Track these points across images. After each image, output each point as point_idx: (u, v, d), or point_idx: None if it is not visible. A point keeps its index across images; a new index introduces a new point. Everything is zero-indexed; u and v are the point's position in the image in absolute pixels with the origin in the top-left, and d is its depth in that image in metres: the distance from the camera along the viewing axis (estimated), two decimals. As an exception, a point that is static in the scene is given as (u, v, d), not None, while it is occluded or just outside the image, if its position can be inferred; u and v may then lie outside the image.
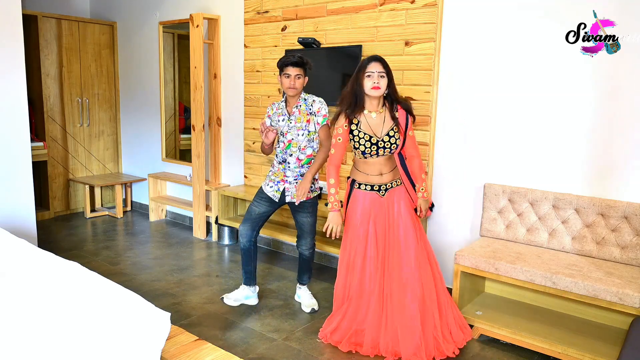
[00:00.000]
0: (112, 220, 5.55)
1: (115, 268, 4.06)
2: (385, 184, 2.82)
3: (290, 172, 3.15)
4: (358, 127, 2.77)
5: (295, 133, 3.09)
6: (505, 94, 3.22)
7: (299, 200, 3.05)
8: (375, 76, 2.67)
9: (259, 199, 3.23)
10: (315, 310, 3.31)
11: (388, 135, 2.75)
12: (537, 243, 3.13)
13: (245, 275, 3.35)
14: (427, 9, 3.43)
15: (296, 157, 3.12)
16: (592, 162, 2.97)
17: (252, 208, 3.25)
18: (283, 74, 3.02)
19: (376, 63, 2.68)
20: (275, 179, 3.20)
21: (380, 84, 2.68)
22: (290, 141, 3.10)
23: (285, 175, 3.16)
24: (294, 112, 3.09)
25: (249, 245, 3.27)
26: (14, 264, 2.27)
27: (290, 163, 3.14)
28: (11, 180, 3.90)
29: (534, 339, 2.76)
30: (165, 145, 5.55)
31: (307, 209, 3.20)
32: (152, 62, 5.51)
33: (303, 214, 3.21)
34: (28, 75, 4.92)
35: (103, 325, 1.78)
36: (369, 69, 2.68)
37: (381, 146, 2.75)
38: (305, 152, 3.12)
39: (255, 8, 4.41)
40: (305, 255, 3.31)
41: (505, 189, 3.24)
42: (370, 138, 2.74)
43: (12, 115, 3.86)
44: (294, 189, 3.15)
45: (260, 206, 3.23)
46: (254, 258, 3.32)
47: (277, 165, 3.20)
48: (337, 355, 2.80)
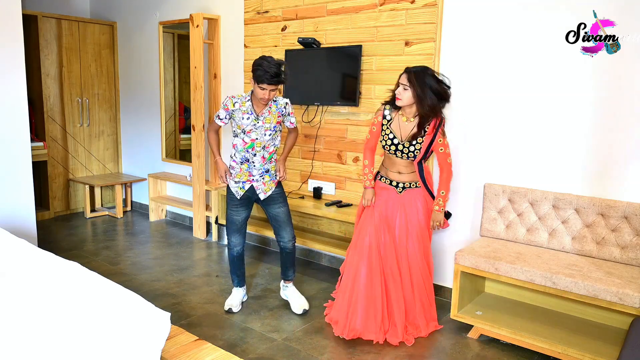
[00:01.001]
0: (112, 220, 5.55)
1: (115, 268, 4.06)
2: (403, 183, 3.00)
3: (255, 170, 3.12)
4: (389, 123, 2.94)
5: (262, 133, 3.04)
6: (505, 94, 3.22)
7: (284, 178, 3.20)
8: (400, 88, 2.81)
9: (235, 207, 3.19)
10: (306, 311, 3.26)
11: (410, 142, 2.88)
12: (537, 243, 3.13)
13: (238, 279, 3.35)
14: (427, 9, 3.43)
15: (261, 155, 3.09)
16: (592, 162, 2.97)
17: (233, 218, 3.20)
18: (258, 85, 2.89)
19: (404, 75, 2.81)
20: (239, 180, 3.15)
21: (402, 96, 2.81)
22: (254, 140, 3.05)
23: (250, 175, 3.12)
24: (264, 113, 3.04)
25: (242, 251, 3.29)
26: (14, 264, 2.27)
27: (255, 162, 3.10)
28: (11, 180, 3.90)
29: (534, 339, 2.76)
30: (165, 145, 5.56)
31: (278, 199, 3.19)
32: (152, 62, 5.51)
33: (275, 205, 3.19)
34: (28, 75, 4.92)
35: (103, 325, 1.78)
36: (400, 79, 2.82)
37: (400, 149, 2.91)
38: (268, 150, 3.10)
39: (255, 8, 4.41)
40: (289, 247, 3.26)
41: (505, 189, 3.24)
42: (393, 138, 2.91)
43: (12, 115, 3.86)
44: (263, 185, 3.14)
45: (240, 212, 3.20)
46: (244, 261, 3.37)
47: (238, 165, 3.13)
48: (337, 355, 2.80)
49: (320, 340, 2.95)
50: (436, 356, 2.83)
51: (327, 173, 4.15)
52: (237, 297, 3.35)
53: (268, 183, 3.16)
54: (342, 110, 3.95)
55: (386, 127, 2.94)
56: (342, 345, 2.90)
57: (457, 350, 2.88)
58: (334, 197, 4.11)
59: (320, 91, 3.94)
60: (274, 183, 3.19)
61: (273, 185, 3.18)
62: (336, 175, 4.10)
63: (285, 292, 3.38)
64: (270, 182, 3.17)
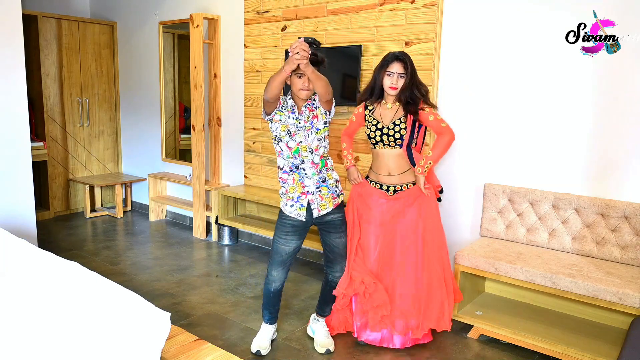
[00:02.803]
0: (112, 220, 5.55)
1: (115, 268, 4.06)
2: (394, 186, 2.83)
3: (309, 180, 2.63)
4: (371, 113, 2.87)
5: (305, 134, 2.61)
6: (505, 93, 3.22)
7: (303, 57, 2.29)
8: (394, 77, 2.72)
9: (285, 234, 2.69)
10: (330, 352, 2.84)
11: (394, 123, 2.77)
12: (537, 243, 3.13)
13: (270, 316, 2.88)
14: (427, 9, 3.43)
15: (310, 160, 2.62)
16: (592, 162, 2.97)
17: (279, 247, 2.71)
18: (295, 74, 2.51)
19: (398, 64, 2.71)
20: (293, 195, 2.66)
21: (397, 85, 2.73)
22: (299, 144, 2.60)
23: (304, 186, 2.64)
24: (303, 111, 2.62)
25: (282, 287, 2.81)
26: (14, 264, 2.27)
27: (305, 169, 2.63)
28: (11, 180, 3.90)
29: (534, 339, 2.76)
30: (165, 145, 5.55)
31: (340, 226, 2.75)
32: (152, 62, 5.51)
33: (336, 234, 2.74)
34: (28, 75, 4.92)
35: (103, 325, 1.78)
36: (389, 68, 2.72)
37: (385, 132, 2.78)
38: (318, 153, 2.64)
39: (255, 8, 4.41)
40: (336, 282, 2.82)
41: (505, 189, 3.24)
42: (377, 123, 2.82)
43: (12, 115, 3.86)
44: (320, 199, 2.66)
45: (289, 242, 2.69)
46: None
47: (289, 176, 2.66)
48: (337, 355, 2.80)
49: (320, 340, 2.95)
50: (436, 356, 2.82)
51: (327, 173, 4.14)
52: (266, 336, 2.88)
53: (326, 197, 2.68)
54: (342, 110, 3.95)
55: (369, 116, 2.86)
56: (342, 345, 2.90)
57: (457, 350, 2.88)
58: (334, 197, 4.11)
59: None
60: (334, 199, 2.71)
61: (332, 201, 2.69)
62: (336, 175, 4.09)
63: (315, 327, 2.95)
64: (329, 196, 2.69)
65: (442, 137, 2.73)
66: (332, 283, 2.83)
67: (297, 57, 2.28)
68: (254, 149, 4.62)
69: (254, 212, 4.77)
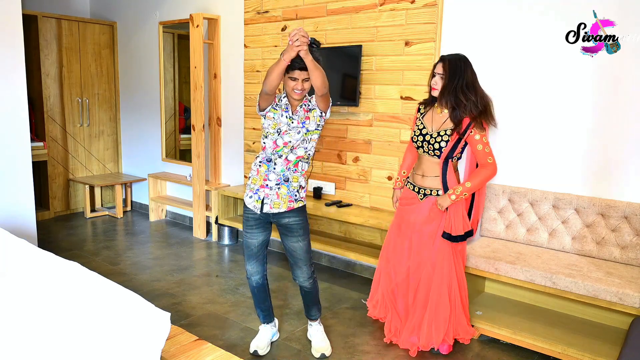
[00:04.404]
0: (112, 220, 5.55)
1: (115, 268, 4.06)
2: (424, 189, 2.80)
3: (274, 174, 2.60)
4: (422, 116, 2.85)
5: (295, 135, 2.58)
6: (505, 94, 3.22)
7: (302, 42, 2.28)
8: (436, 77, 2.71)
9: (250, 228, 2.70)
10: (326, 357, 2.78)
11: (438, 133, 2.72)
12: (537, 243, 3.13)
13: (263, 314, 2.87)
14: (427, 9, 3.43)
15: (285, 157, 2.59)
16: (592, 162, 2.97)
17: (247, 241, 2.73)
18: (288, 76, 2.49)
19: (440, 64, 2.69)
20: (254, 186, 2.65)
21: (438, 85, 2.70)
22: (286, 144, 2.58)
23: (266, 179, 2.61)
24: (298, 111, 2.58)
25: (263, 281, 2.79)
26: (14, 264, 2.27)
27: (276, 164, 2.59)
28: (11, 180, 3.90)
29: (534, 339, 2.76)
30: (165, 145, 5.55)
31: (297, 230, 2.67)
32: (152, 62, 5.51)
33: (293, 237, 2.68)
34: (28, 75, 4.92)
35: (103, 325, 1.78)
36: (435, 69, 2.72)
37: (427, 139, 2.75)
38: (296, 153, 2.60)
39: (255, 8, 4.41)
40: (306, 287, 2.77)
41: (505, 189, 3.24)
42: (422, 129, 2.80)
43: (12, 115, 3.86)
44: (275, 197, 2.61)
45: (255, 235, 2.70)
46: (269, 292, 2.88)
47: (257, 167, 2.66)
48: (337, 355, 2.80)
49: (320, 340, 2.95)
50: (436, 356, 2.82)
51: (327, 173, 4.15)
52: (264, 337, 2.85)
53: (282, 197, 2.61)
54: (342, 110, 3.95)
55: (419, 121, 2.83)
56: (342, 345, 2.90)
57: (457, 351, 2.88)
58: (334, 197, 4.11)
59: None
60: (291, 202, 2.63)
61: (287, 203, 2.62)
62: (336, 175, 4.10)
63: (310, 331, 2.93)
64: (286, 197, 2.61)
65: (484, 171, 2.66)
66: (303, 288, 2.79)
67: (297, 45, 2.27)
68: (254, 149, 4.62)
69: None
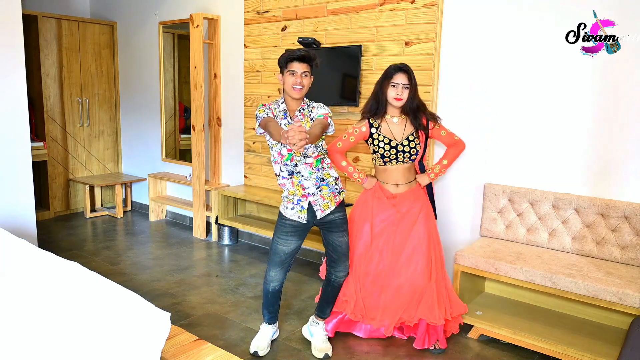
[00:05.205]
0: (112, 220, 5.55)
1: (115, 268, 4.06)
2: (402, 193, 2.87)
3: (307, 181, 2.59)
4: (378, 130, 2.81)
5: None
6: (505, 93, 3.22)
7: (301, 146, 2.18)
8: (399, 87, 2.72)
9: (285, 235, 2.65)
10: (329, 357, 2.77)
11: (407, 139, 2.78)
12: (537, 243, 3.13)
13: (270, 315, 2.86)
14: (427, 9, 3.43)
15: (303, 162, 2.58)
16: (592, 162, 2.97)
17: (278, 247, 2.67)
18: (287, 71, 2.51)
19: (402, 75, 2.71)
20: (294, 198, 2.62)
21: (403, 96, 2.73)
22: (291, 150, 2.54)
23: (304, 188, 2.60)
24: (297, 115, 2.58)
25: (280, 287, 2.78)
26: (14, 264, 2.27)
27: (301, 172, 2.59)
28: (11, 180, 3.90)
29: (534, 339, 2.76)
30: (165, 145, 5.55)
31: (342, 225, 2.70)
32: (152, 62, 5.51)
33: (338, 233, 2.69)
34: (28, 75, 4.92)
35: (103, 325, 1.78)
36: (394, 79, 2.72)
37: (400, 150, 2.78)
38: (312, 156, 2.60)
39: (255, 8, 4.41)
40: (340, 282, 2.79)
41: (505, 189, 3.24)
42: (389, 141, 2.79)
43: (12, 115, 3.86)
44: (321, 199, 2.62)
45: (289, 243, 2.66)
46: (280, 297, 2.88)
47: (288, 181, 2.62)
48: (337, 355, 2.80)
49: (320, 340, 2.95)
50: (436, 356, 2.82)
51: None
52: (265, 337, 2.85)
53: (328, 197, 2.63)
54: (342, 110, 3.95)
55: (377, 135, 2.79)
56: (342, 345, 2.90)
57: (457, 350, 2.88)
58: (334, 197, 4.11)
59: (320, 91, 3.93)
60: (335, 198, 2.66)
61: (333, 199, 2.65)
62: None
63: (313, 330, 2.88)
64: (330, 194, 2.64)
65: (456, 147, 2.88)
66: (335, 283, 2.79)
67: (295, 149, 2.21)
68: (254, 149, 4.63)
69: (254, 212, 4.77)
